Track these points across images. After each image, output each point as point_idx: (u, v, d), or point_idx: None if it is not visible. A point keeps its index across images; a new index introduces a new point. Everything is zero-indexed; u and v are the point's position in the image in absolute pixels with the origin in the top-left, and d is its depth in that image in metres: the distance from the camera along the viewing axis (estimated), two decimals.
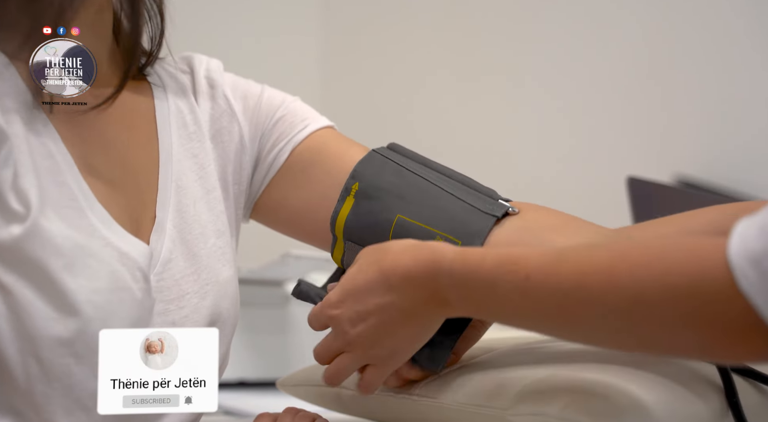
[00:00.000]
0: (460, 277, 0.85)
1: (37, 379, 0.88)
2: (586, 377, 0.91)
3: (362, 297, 0.91)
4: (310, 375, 1.15)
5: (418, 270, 0.87)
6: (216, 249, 1.02)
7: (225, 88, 1.09)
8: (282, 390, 1.20)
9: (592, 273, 0.79)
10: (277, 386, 1.20)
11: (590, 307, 0.79)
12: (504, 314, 0.86)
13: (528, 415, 0.91)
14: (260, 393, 1.76)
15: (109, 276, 0.91)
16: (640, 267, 0.77)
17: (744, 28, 2.37)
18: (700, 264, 0.75)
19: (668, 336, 0.77)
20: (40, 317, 0.88)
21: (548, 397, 0.90)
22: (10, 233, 0.87)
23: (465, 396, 0.97)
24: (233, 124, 1.08)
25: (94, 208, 0.93)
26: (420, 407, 1.01)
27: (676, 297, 0.75)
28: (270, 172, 1.09)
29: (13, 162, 0.88)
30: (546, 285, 0.81)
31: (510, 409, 0.93)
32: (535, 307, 0.82)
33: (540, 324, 0.85)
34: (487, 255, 0.85)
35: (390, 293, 0.89)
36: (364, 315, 0.91)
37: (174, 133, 1.04)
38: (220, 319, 1.01)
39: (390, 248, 0.90)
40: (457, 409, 0.98)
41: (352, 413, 1.12)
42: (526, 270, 0.82)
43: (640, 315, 0.77)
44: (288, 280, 1.90)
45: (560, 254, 0.82)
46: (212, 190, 1.04)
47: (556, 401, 0.89)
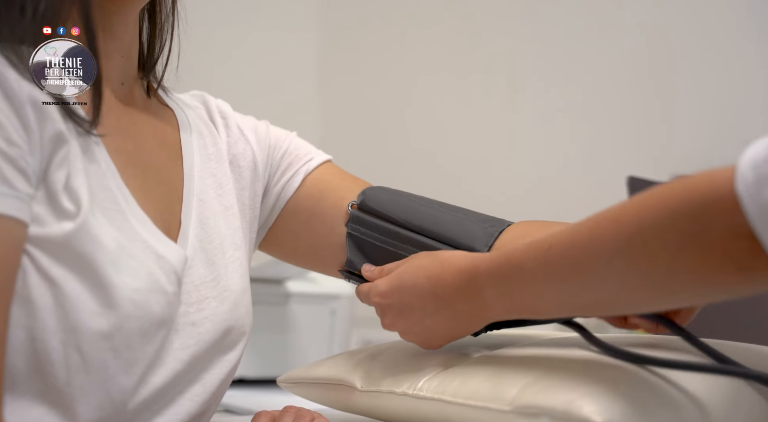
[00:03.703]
0: (496, 270, 0.92)
1: (77, 371, 0.91)
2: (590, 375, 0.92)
3: (407, 297, 1.00)
4: (310, 373, 1.16)
5: (462, 279, 0.95)
6: (233, 260, 1.08)
7: (237, 120, 1.18)
8: (282, 387, 1.20)
9: (602, 225, 0.83)
10: (278, 383, 1.21)
11: (600, 254, 0.83)
12: (531, 297, 0.90)
13: (531, 414, 0.91)
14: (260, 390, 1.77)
15: (148, 277, 0.94)
16: (642, 204, 0.81)
17: (744, 29, 2.37)
18: (700, 186, 0.77)
19: (668, 263, 0.78)
20: (85, 310, 0.90)
21: (551, 394, 0.91)
22: (61, 229, 0.90)
23: (467, 394, 0.98)
24: (248, 150, 1.16)
25: (135, 212, 0.97)
26: (422, 405, 1.02)
27: (676, 220, 0.77)
28: (279, 203, 1.18)
29: (67, 164, 0.92)
30: (564, 248, 0.86)
31: (513, 407, 0.93)
32: (556, 274, 0.87)
33: (559, 292, 0.88)
34: (518, 244, 0.91)
35: (435, 299, 0.98)
36: (407, 313, 1.01)
37: (196, 152, 1.11)
38: (235, 327, 1.05)
39: (439, 256, 0.99)
40: (459, 407, 0.98)
41: (352, 411, 1.12)
42: (549, 242, 0.87)
43: (644, 245, 0.79)
44: (288, 279, 1.90)
45: (579, 221, 0.87)
46: (230, 208, 1.11)
47: (560, 398, 0.90)
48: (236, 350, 1.06)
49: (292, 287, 1.90)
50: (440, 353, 1.07)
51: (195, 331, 1.00)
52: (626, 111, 2.52)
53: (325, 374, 1.13)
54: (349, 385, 1.09)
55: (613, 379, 0.91)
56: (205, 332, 1.01)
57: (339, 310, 1.96)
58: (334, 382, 1.11)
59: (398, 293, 1.01)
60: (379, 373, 1.08)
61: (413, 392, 1.02)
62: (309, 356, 1.85)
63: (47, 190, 0.90)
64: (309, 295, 1.93)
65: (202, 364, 1.01)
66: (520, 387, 0.93)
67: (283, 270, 1.85)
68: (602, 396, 0.88)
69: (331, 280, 1.99)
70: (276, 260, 1.77)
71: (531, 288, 0.90)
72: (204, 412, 1.03)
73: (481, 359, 1.04)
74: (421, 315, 0.99)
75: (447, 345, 1.05)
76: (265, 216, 1.19)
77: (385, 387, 1.05)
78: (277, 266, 1.81)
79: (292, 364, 1.84)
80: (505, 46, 2.72)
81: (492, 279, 0.93)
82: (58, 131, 0.91)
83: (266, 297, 1.87)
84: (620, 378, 0.91)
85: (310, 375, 1.15)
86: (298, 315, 1.91)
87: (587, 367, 0.94)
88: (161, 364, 0.97)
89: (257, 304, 1.87)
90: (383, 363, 1.09)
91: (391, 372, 1.07)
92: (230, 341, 1.05)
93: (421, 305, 0.99)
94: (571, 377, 0.92)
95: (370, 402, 1.07)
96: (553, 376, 0.93)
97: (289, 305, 1.90)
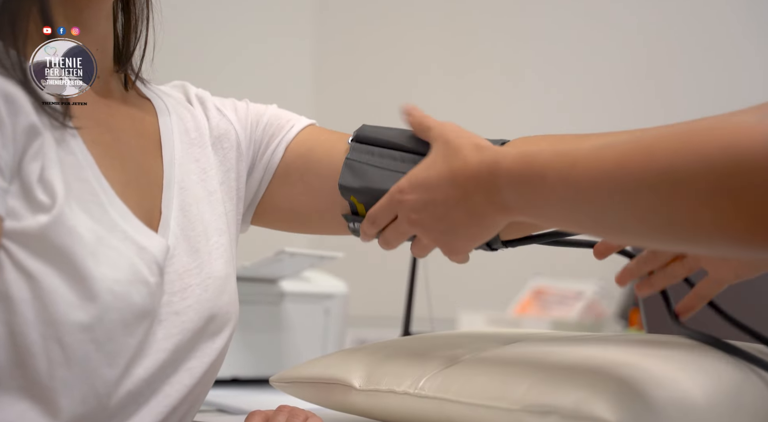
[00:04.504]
0: (517, 172, 0.90)
1: (58, 364, 0.90)
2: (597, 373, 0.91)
3: (430, 190, 0.98)
4: (304, 372, 1.14)
5: (481, 170, 0.93)
6: (217, 246, 1.06)
7: (215, 102, 1.17)
8: (275, 386, 1.20)
9: (633, 154, 0.81)
10: (271, 382, 1.20)
11: (626, 185, 0.81)
12: (549, 208, 0.89)
13: (540, 413, 0.90)
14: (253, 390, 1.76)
15: (128, 268, 0.94)
16: (679, 142, 0.78)
17: (742, 28, 2.37)
18: (740, 137, 0.75)
19: (694, 212, 0.76)
20: (64, 302, 0.90)
21: (560, 392, 0.90)
22: (37, 222, 0.89)
23: (472, 393, 0.96)
24: (230, 130, 1.15)
25: (114, 203, 0.96)
26: (424, 404, 1.00)
27: (710, 166, 0.75)
28: (267, 174, 1.16)
29: (42, 156, 0.91)
30: (589, 169, 0.84)
31: (521, 405, 0.92)
32: (576, 191, 0.85)
33: (576, 214, 0.87)
34: (543, 150, 0.89)
35: (455, 190, 0.96)
36: (430, 206, 0.98)
37: (176, 139, 1.09)
38: (219, 313, 1.04)
39: (461, 147, 0.97)
40: (463, 406, 0.96)
41: (348, 411, 1.11)
42: (574, 157, 0.85)
43: (672, 186, 0.77)
44: (282, 278, 1.90)
45: (607, 142, 0.84)
46: (213, 193, 1.09)
47: (570, 396, 0.89)
48: (221, 337, 1.04)
49: (286, 286, 1.90)
50: (440, 351, 1.05)
51: (179, 320, 1.00)
52: (622, 109, 2.52)
53: (321, 373, 1.12)
54: (346, 384, 1.08)
55: (621, 377, 0.90)
56: (189, 320, 1.00)
57: (333, 309, 1.96)
58: (330, 381, 1.10)
59: (421, 186, 0.99)
60: (378, 372, 1.06)
61: (415, 391, 1.01)
62: (303, 355, 1.85)
63: (22, 183, 0.90)
64: (303, 294, 1.93)
65: (187, 352, 1.01)
66: (528, 385, 0.92)
67: (278, 269, 1.85)
68: (613, 394, 0.87)
69: (326, 280, 1.99)
70: (270, 259, 1.77)
71: (549, 198, 0.88)
72: (191, 404, 1.02)
73: (483, 357, 1.02)
74: (444, 209, 0.97)
75: (445, 343, 1.04)
76: (254, 191, 1.17)
77: (384, 386, 1.04)
78: (271, 265, 1.80)
79: (286, 364, 1.84)
80: (500, 46, 2.72)
81: (512, 179, 0.90)
82: (31, 123, 0.90)
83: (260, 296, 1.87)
84: (628, 376, 0.90)
85: (305, 375, 1.14)
86: (292, 314, 1.91)
87: (592, 365, 0.93)
88: (144, 355, 0.96)
89: (252, 304, 1.87)
90: (381, 361, 1.08)
91: (390, 370, 1.05)
92: (215, 327, 1.04)
93: (443, 197, 0.97)
94: (577, 375, 0.91)
95: (368, 402, 1.06)
96: (560, 374, 0.92)
97: (283, 304, 1.90)
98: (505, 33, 2.70)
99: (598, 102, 2.53)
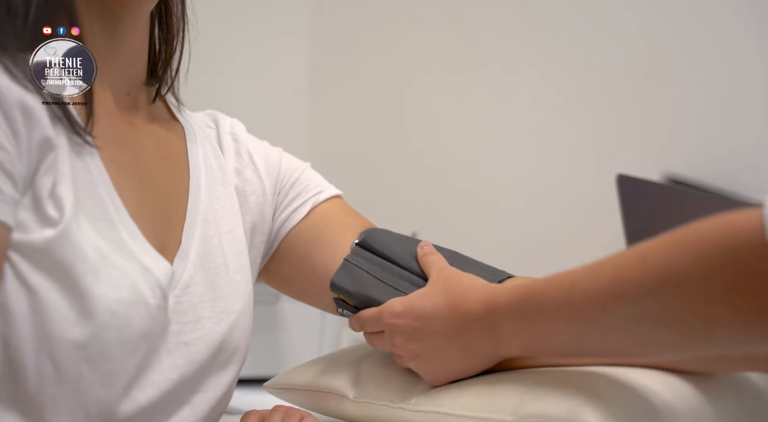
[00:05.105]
0: (515, 305, 0.89)
1: (48, 381, 0.89)
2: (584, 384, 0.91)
3: (424, 320, 0.97)
4: (297, 379, 1.14)
5: (479, 309, 0.93)
6: (234, 282, 1.06)
7: (249, 146, 1.16)
8: (270, 392, 1.19)
9: (627, 264, 0.80)
10: (265, 387, 1.20)
11: (627, 296, 0.79)
12: (552, 337, 0.88)
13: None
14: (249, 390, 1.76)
15: (130, 289, 0.92)
16: (672, 246, 0.77)
17: (742, 28, 2.37)
18: (734, 230, 0.73)
19: (703, 311, 0.75)
20: (61, 319, 0.89)
21: (553, 402, 0.90)
22: (43, 235, 0.89)
23: (465, 406, 0.96)
24: (256, 178, 1.15)
25: (125, 222, 0.95)
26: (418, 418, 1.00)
27: (709, 267, 0.74)
28: (282, 230, 1.16)
29: (54, 171, 0.91)
30: (587, 288, 0.82)
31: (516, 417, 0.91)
32: (579, 315, 0.83)
33: (583, 335, 0.85)
34: (537, 281, 0.89)
35: (451, 325, 0.95)
36: (420, 337, 0.98)
37: (202, 168, 1.09)
38: (229, 348, 1.04)
39: (461, 282, 0.97)
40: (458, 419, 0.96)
41: (343, 418, 1.10)
42: (570, 281, 0.84)
43: (674, 290, 0.76)
44: None
45: (600, 260, 0.83)
46: (232, 231, 1.09)
47: (562, 406, 0.89)
48: (229, 371, 1.04)
49: None
50: None
51: (187, 351, 0.99)
52: (616, 109, 2.52)
53: (315, 382, 1.11)
54: (341, 394, 1.07)
55: (610, 387, 0.90)
56: (197, 352, 1.00)
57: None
58: (325, 390, 1.10)
59: (414, 315, 0.98)
60: (371, 384, 1.06)
61: (409, 407, 1.01)
62: (299, 355, 1.85)
63: (34, 197, 0.90)
64: None
65: (192, 385, 1.00)
66: (520, 396, 0.92)
67: None
68: (603, 403, 0.87)
69: None
70: None
71: (552, 327, 0.87)
72: None
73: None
74: (434, 342, 0.97)
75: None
76: (270, 244, 1.17)
77: (378, 400, 1.04)
78: None
79: (282, 364, 1.84)
80: (497, 46, 2.71)
81: (510, 314, 0.90)
82: (46, 137, 0.90)
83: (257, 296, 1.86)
84: (616, 385, 0.91)
85: (299, 382, 1.13)
86: (288, 314, 1.90)
87: (577, 377, 0.93)
88: (147, 381, 0.95)
89: None
90: (374, 370, 1.07)
91: (383, 382, 1.05)
92: (222, 360, 1.03)
93: (435, 331, 0.96)
94: (569, 384, 0.91)
95: (363, 412, 1.06)
96: (548, 385, 0.92)
97: (280, 304, 1.89)
98: (505, 32, 2.70)
99: (598, 102, 2.53)
